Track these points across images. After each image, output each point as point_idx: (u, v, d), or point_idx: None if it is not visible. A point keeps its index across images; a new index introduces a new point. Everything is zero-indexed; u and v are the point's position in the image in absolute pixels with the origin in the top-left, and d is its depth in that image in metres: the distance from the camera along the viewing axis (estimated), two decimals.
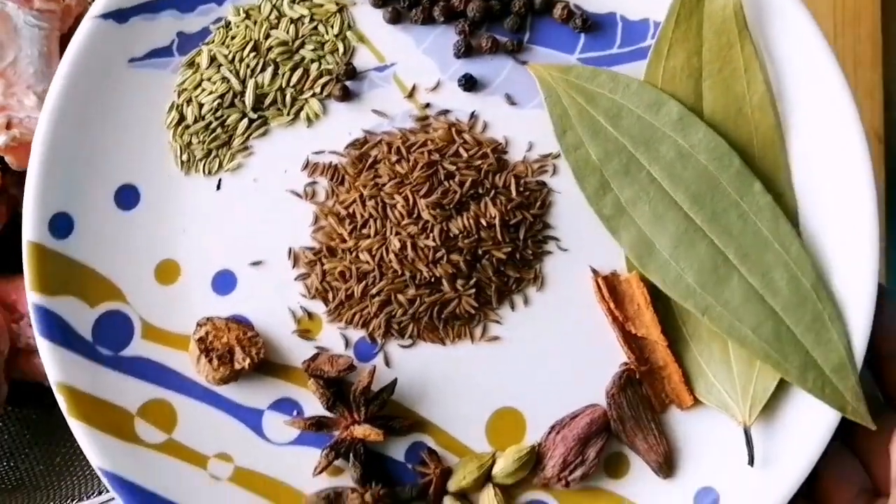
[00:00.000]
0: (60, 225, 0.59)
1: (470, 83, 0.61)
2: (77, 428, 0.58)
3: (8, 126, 0.66)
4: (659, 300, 0.58)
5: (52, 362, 0.58)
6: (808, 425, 0.57)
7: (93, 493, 0.69)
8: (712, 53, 0.57)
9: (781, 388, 0.57)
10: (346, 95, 0.61)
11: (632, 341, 0.59)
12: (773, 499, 0.57)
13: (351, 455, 0.59)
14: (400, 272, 0.59)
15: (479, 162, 0.60)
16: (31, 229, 0.59)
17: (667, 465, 0.59)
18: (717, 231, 0.56)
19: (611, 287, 0.59)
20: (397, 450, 0.60)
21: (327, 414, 0.59)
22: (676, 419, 0.60)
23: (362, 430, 0.58)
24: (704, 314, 0.56)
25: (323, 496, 0.59)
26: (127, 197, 0.60)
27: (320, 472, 0.59)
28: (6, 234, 0.71)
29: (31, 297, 0.59)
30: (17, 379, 0.71)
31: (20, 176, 0.69)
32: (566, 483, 0.59)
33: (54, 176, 0.59)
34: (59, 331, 0.59)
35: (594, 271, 0.59)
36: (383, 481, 0.59)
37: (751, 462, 0.57)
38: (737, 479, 0.58)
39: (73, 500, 0.70)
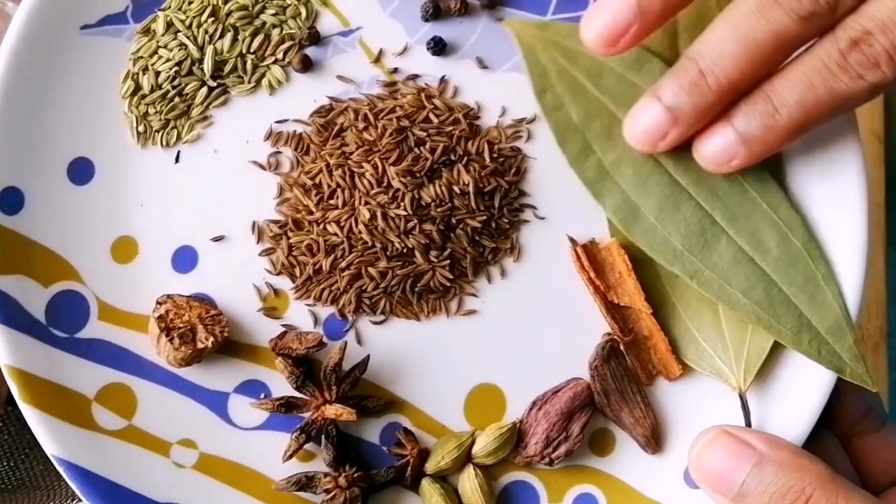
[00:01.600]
0: (10, 200, 0.56)
1: (439, 47, 0.58)
2: (30, 414, 0.55)
3: None
4: (643, 267, 0.56)
5: (3, 345, 0.55)
6: (804, 389, 0.55)
7: None
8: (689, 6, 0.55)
9: (775, 351, 0.55)
10: (307, 66, 0.58)
11: (614, 311, 0.56)
12: None
13: (323, 437, 0.56)
14: (370, 244, 0.56)
15: (451, 128, 0.57)
16: None
17: (654, 440, 0.57)
18: (702, 193, 0.54)
19: (590, 256, 0.56)
20: (371, 432, 0.57)
21: (297, 394, 0.56)
22: (664, 391, 0.57)
23: (334, 410, 0.55)
24: (693, 278, 0.53)
25: (294, 481, 0.56)
26: (80, 171, 0.57)
27: (290, 456, 0.56)
28: None
29: None
30: None
31: None
32: (550, 461, 0.56)
33: (2, 149, 0.56)
34: (10, 312, 0.55)
35: (572, 240, 0.57)
36: (357, 465, 0.56)
37: (748, 424, 0.55)
38: None
39: (73, 500, 0.68)
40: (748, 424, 0.54)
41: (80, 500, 0.66)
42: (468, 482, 0.56)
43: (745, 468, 0.51)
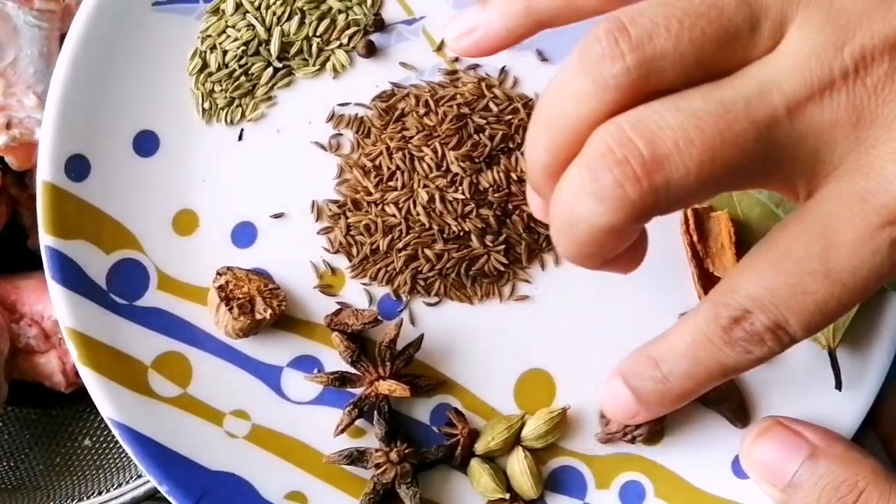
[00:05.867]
0: (77, 167, 0.57)
1: None
2: (88, 376, 0.55)
3: (8, 126, 0.65)
4: (740, 248, 0.57)
5: (65, 307, 0.56)
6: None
7: (93, 494, 0.67)
8: None
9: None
10: (371, 51, 0.59)
11: (706, 280, 0.57)
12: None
13: (375, 412, 0.56)
14: (427, 226, 0.57)
15: (510, 116, 0.58)
16: (47, 169, 0.56)
17: (743, 414, 0.57)
18: None
19: (698, 221, 0.57)
20: (422, 411, 0.58)
21: (350, 370, 0.57)
22: None
23: (388, 386, 0.56)
24: None
25: (346, 454, 0.56)
26: (146, 143, 0.58)
27: (342, 430, 0.56)
28: (6, 234, 0.70)
29: (45, 240, 0.56)
30: (17, 379, 0.69)
31: (20, 176, 0.68)
32: (632, 438, 0.57)
33: (72, 117, 0.57)
34: (72, 276, 0.56)
35: None
36: (408, 442, 0.56)
37: (838, 386, 0.56)
38: None
39: (73, 500, 0.68)
40: (838, 383, 0.55)
41: (80, 500, 0.67)
42: (517, 464, 0.57)
43: (798, 460, 0.52)
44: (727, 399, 0.57)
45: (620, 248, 0.41)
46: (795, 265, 0.39)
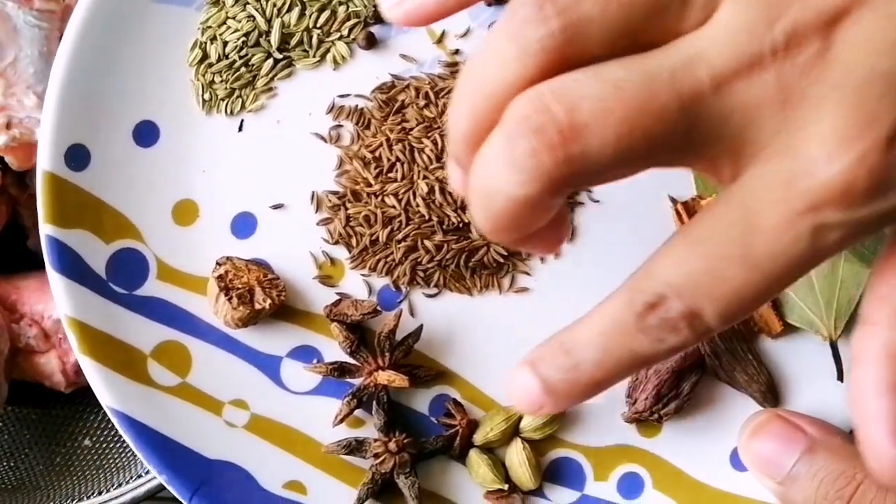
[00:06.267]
0: (77, 156, 0.57)
1: None
2: (87, 365, 0.55)
3: (8, 126, 0.65)
4: None
5: (64, 296, 0.56)
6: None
7: (93, 494, 0.67)
8: None
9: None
10: (372, 43, 0.59)
11: None
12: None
13: (374, 403, 0.56)
14: (427, 217, 0.57)
15: None
16: (47, 158, 0.56)
17: (771, 395, 0.57)
18: None
19: (691, 213, 0.57)
20: (421, 402, 0.58)
21: (350, 360, 0.57)
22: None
23: (387, 376, 0.56)
24: None
25: (344, 444, 0.56)
26: (146, 133, 0.58)
27: (341, 420, 0.56)
28: (6, 234, 0.70)
29: (44, 229, 0.56)
30: (17, 379, 0.70)
31: (20, 176, 0.68)
32: (659, 417, 0.57)
33: (72, 107, 0.57)
34: (72, 265, 0.56)
35: (673, 200, 0.58)
36: (406, 432, 0.56)
37: (840, 377, 0.56)
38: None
39: (73, 500, 0.68)
40: (840, 374, 0.55)
41: (80, 500, 0.67)
42: (515, 455, 0.57)
43: (796, 452, 0.52)
44: (756, 381, 0.57)
45: (539, 223, 0.40)
46: (714, 249, 0.38)
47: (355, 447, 0.56)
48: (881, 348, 0.39)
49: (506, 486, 0.57)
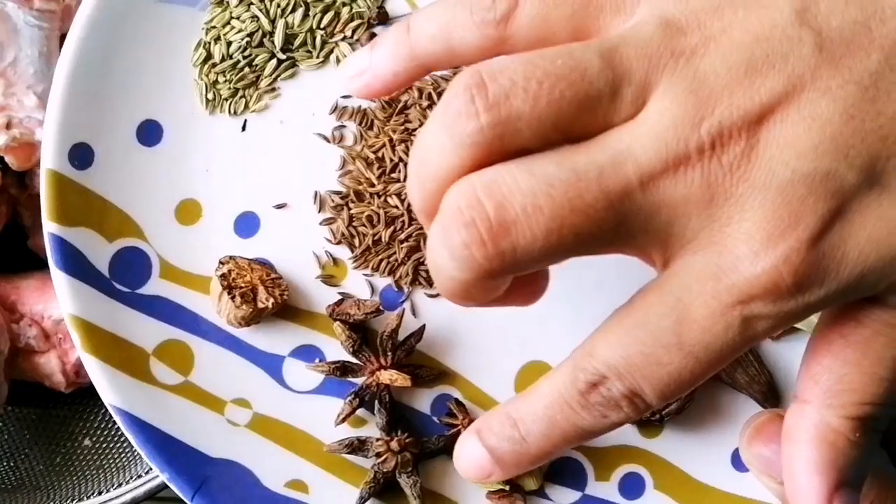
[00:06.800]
0: (81, 155, 0.57)
1: None
2: (90, 363, 0.55)
3: (8, 126, 0.65)
4: None
5: (67, 294, 0.56)
6: None
7: (93, 494, 0.68)
8: None
9: None
10: None
11: None
12: None
13: (376, 402, 0.56)
14: None
15: None
16: (51, 157, 0.56)
17: (772, 395, 0.58)
18: None
19: None
20: (423, 401, 0.58)
21: (352, 360, 0.57)
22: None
23: (389, 375, 0.56)
24: None
25: (346, 443, 0.56)
26: (150, 132, 0.58)
27: (344, 419, 0.56)
28: (6, 234, 0.70)
29: (48, 227, 0.56)
30: (17, 379, 0.70)
31: (20, 176, 0.68)
32: (660, 418, 0.57)
33: (76, 106, 0.57)
34: (75, 263, 0.56)
35: None
36: (408, 432, 0.57)
37: None
38: None
39: (73, 500, 0.68)
40: None
41: (80, 500, 0.67)
42: None
43: None
44: (757, 382, 0.57)
45: (495, 295, 0.41)
46: (650, 336, 0.39)
47: (357, 446, 0.56)
48: (812, 428, 0.41)
49: (507, 487, 0.57)
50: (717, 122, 0.38)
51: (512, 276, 0.41)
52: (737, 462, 0.57)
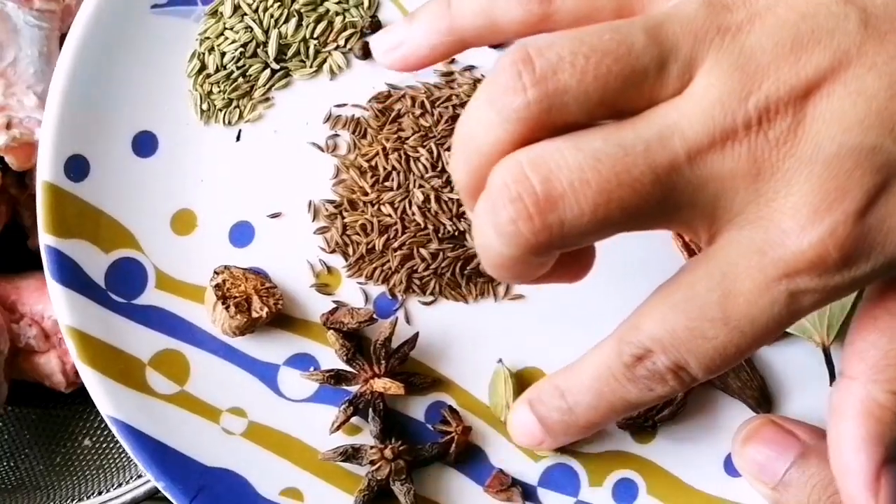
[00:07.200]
0: (76, 167, 0.57)
1: None
2: (87, 374, 0.56)
3: (8, 126, 0.65)
4: None
5: (64, 306, 0.56)
6: None
7: (93, 494, 0.68)
8: None
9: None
10: (368, 53, 0.60)
11: None
12: None
13: (371, 410, 0.57)
14: (423, 225, 0.58)
15: None
16: (47, 169, 0.57)
17: (764, 400, 0.58)
18: None
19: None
20: (417, 409, 0.58)
21: (346, 368, 0.57)
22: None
23: (382, 383, 0.56)
24: None
25: (341, 451, 0.56)
26: (144, 144, 0.59)
27: (338, 427, 0.57)
28: (6, 234, 0.71)
29: (44, 239, 0.57)
30: (17, 379, 0.70)
31: (20, 176, 0.68)
32: (653, 423, 0.57)
33: (72, 118, 0.57)
34: (72, 274, 0.57)
35: None
36: (402, 439, 0.57)
37: (832, 383, 0.56)
38: None
39: (73, 500, 0.68)
40: (833, 380, 0.56)
41: (80, 500, 0.67)
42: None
43: (789, 458, 0.52)
44: (749, 387, 0.58)
45: (541, 271, 0.41)
46: (696, 310, 0.39)
47: (351, 454, 0.57)
48: (859, 403, 0.42)
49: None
50: (764, 98, 0.38)
51: (558, 253, 0.41)
52: (729, 467, 0.58)
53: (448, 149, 0.58)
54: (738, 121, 0.38)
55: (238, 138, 0.59)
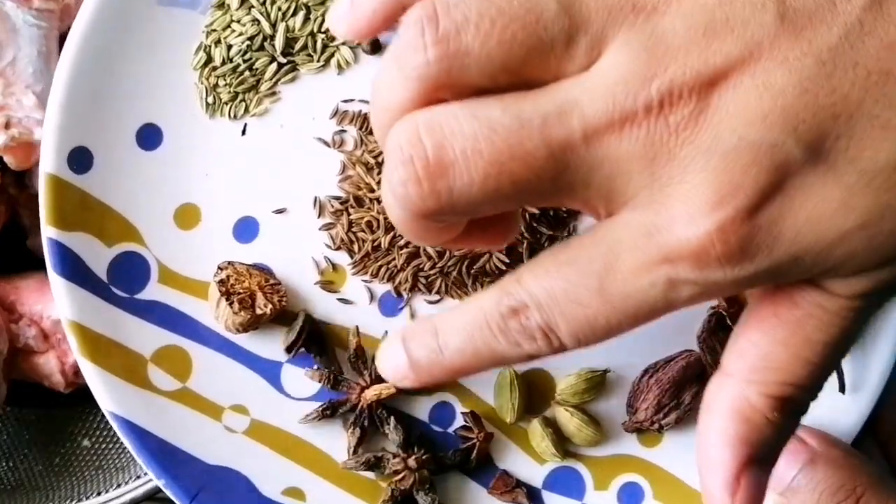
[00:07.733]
0: (80, 159, 0.57)
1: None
2: (87, 368, 0.55)
3: (7, 126, 0.65)
4: None
5: (66, 299, 0.56)
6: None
7: (92, 494, 0.67)
8: None
9: None
10: (376, 48, 0.59)
11: None
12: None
13: (392, 419, 0.57)
14: None
15: None
16: (50, 161, 0.56)
17: None
18: None
19: None
20: (422, 410, 0.58)
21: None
22: None
23: (373, 392, 0.56)
24: None
25: (363, 461, 0.56)
26: (149, 136, 0.58)
27: (354, 451, 0.57)
28: (6, 234, 0.70)
29: (46, 231, 0.56)
30: (17, 379, 0.69)
31: (19, 176, 0.68)
32: (660, 427, 0.57)
33: (76, 109, 0.57)
34: (73, 268, 0.56)
35: None
36: (421, 445, 0.57)
37: (842, 389, 0.56)
38: None
39: (72, 501, 0.68)
40: (842, 385, 0.55)
41: (80, 500, 0.67)
42: (568, 422, 0.58)
43: (797, 464, 0.51)
44: None
45: (448, 235, 0.41)
46: (575, 275, 0.39)
47: (374, 463, 0.56)
48: (731, 401, 0.40)
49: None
50: (668, 81, 0.37)
51: (459, 218, 0.41)
52: None
53: None
54: (638, 103, 0.37)
55: (244, 132, 0.59)
